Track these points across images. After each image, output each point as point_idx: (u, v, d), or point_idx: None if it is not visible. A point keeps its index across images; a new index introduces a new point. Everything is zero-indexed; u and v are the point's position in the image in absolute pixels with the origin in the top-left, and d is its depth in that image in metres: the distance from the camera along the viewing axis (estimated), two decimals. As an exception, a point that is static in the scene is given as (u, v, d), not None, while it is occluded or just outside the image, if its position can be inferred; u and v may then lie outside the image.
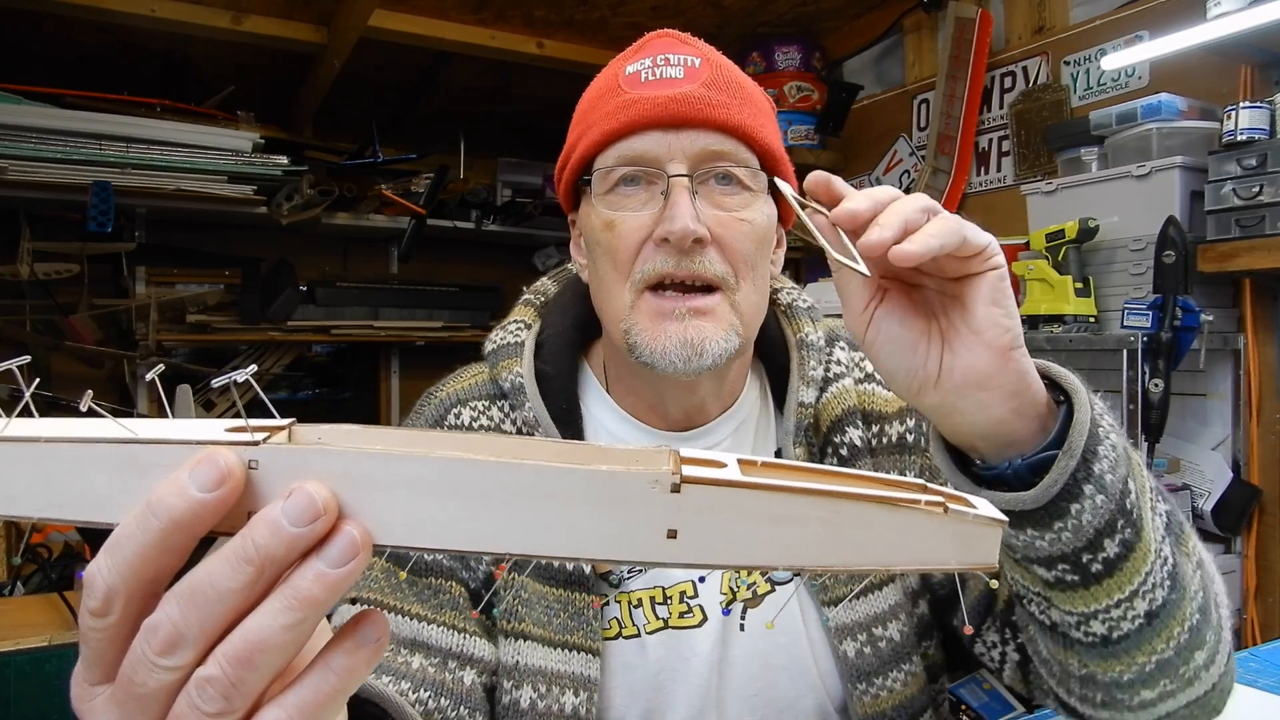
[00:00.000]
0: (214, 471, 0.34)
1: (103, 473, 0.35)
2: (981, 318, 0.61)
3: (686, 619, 0.87)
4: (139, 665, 0.34)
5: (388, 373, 3.89)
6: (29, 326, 2.98)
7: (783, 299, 0.98)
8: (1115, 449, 0.63)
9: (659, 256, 0.79)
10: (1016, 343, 0.61)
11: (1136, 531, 0.64)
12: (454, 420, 0.92)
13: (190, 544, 0.35)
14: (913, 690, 0.87)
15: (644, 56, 0.84)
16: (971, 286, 0.61)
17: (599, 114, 0.84)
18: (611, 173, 0.82)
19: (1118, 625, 0.66)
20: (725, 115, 0.80)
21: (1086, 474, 0.61)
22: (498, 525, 0.36)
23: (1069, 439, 0.61)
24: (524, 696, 0.82)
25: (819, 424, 0.93)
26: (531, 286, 1.01)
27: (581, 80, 0.92)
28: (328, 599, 0.35)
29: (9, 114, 2.54)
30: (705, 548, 0.36)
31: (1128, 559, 0.63)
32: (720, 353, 0.80)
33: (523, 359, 0.91)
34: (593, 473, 0.36)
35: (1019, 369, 0.62)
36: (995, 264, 0.61)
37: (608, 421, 0.93)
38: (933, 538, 0.37)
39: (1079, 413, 0.62)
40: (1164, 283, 1.95)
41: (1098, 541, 0.63)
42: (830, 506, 0.36)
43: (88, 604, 0.35)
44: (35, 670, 1.68)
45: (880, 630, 0.87)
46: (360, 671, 0.36)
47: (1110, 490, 0.62)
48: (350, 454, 0.35)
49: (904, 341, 0.64)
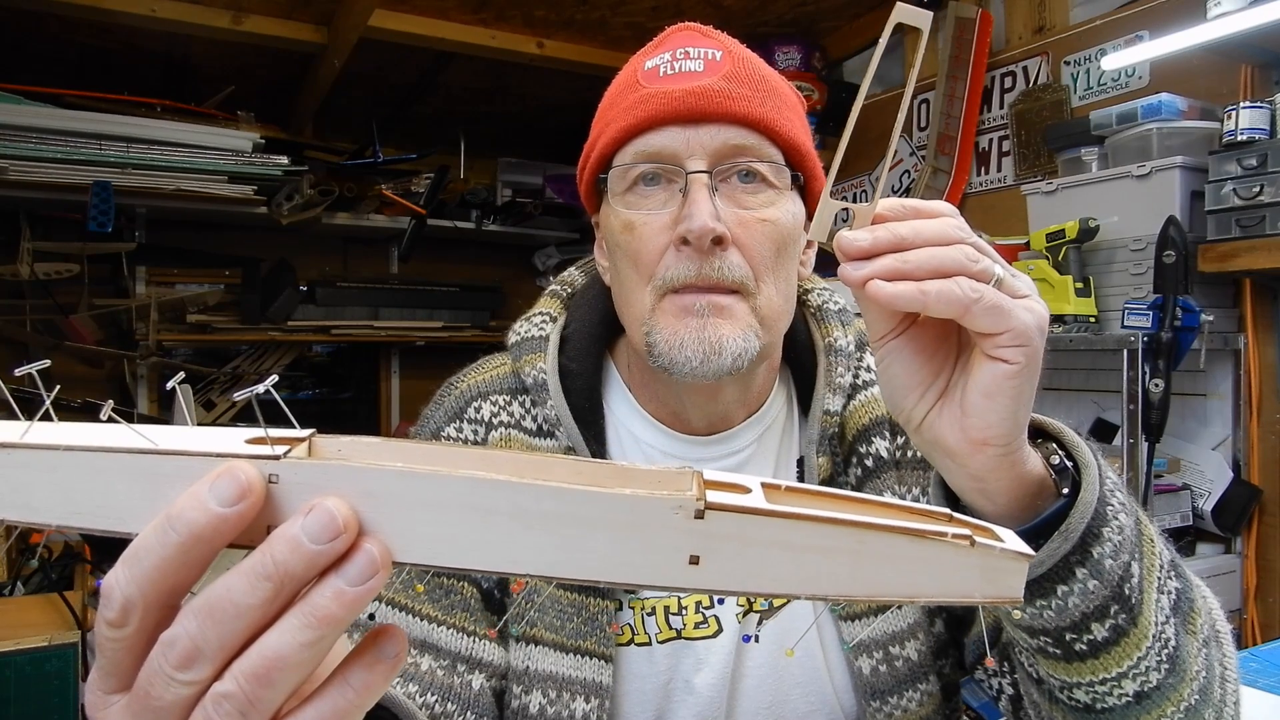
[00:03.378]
0: (235, 486, 0.34)
1: (122, 482, 0.35)
2: (971, 402, 0.56)
3: (702, 629, 0.85)
4: (155, 678, 0.34)
5: (388, 373, 3.89)
6: (29, 326, 2.98)
7: (813, 300, 0.94)
8: (1121, 531, 0.59)
9: (681, 263, 0.77)
10: (997, 442, 0.57)
11: (1132, 618, 0.60)
12: (474, 414, 0.89)
13: (210, 558, 0.35)
14: (929, 710, 0.85)
15: (664, 51, 0.81)
16: (978, 366, 0.56)
17: (616, 110, 0.81)
18: (629, 170, 0.79)
19: (1103, 699, 0.63)
20: (746, 108, 0.77)
21: (1082, 557, 0.58)
22: (518, 547, 0.35)
23: (1069, 520, 0.58)
24: (533, 702, 0.81)
25: (844, 433, 0.89)
26: (559, 277, 0.98)
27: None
28: (346, 617, 0.34)
29: (9, 114, 2.54)
30: (727, 575, 0.36)
31: (1118, 644, 0.61)
32: (739, 352, 0.76)
33: (547, 354, 0.88)
34: (615, 496, 0.35)
35: (990, 463, 0.58)
36: (1005, 357, 0.54)
37: (630, 423, 0.90)
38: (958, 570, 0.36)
39: (1085, 492, 0.59)
40: (1164, 283, 1.95)
41: (1084, 624, 0.60)
42: (856, 537, 0.36)
43: (105, 614, 0.35)
44: (35, 670, 1.68)
45: (898, 649, 0.84)
46: (378, 687, 0.36)
47: (1107, 576, 0.58)
48: (371, 471, 0.35)
49: (901, 384, 0.60)
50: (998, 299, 0.53)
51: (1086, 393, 2.42)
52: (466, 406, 0.90)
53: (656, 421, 0.89)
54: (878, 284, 0.53)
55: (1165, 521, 2.11)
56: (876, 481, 0.87)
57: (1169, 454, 2.20)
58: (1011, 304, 0.54)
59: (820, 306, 0.93)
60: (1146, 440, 1.99)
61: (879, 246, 0.54)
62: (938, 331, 0.60)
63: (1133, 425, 1.98)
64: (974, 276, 0.53)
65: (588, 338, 0.91)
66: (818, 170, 0.84)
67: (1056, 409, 2.46)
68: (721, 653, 0.84)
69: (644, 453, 0.89)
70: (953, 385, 0.59)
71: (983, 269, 0.54)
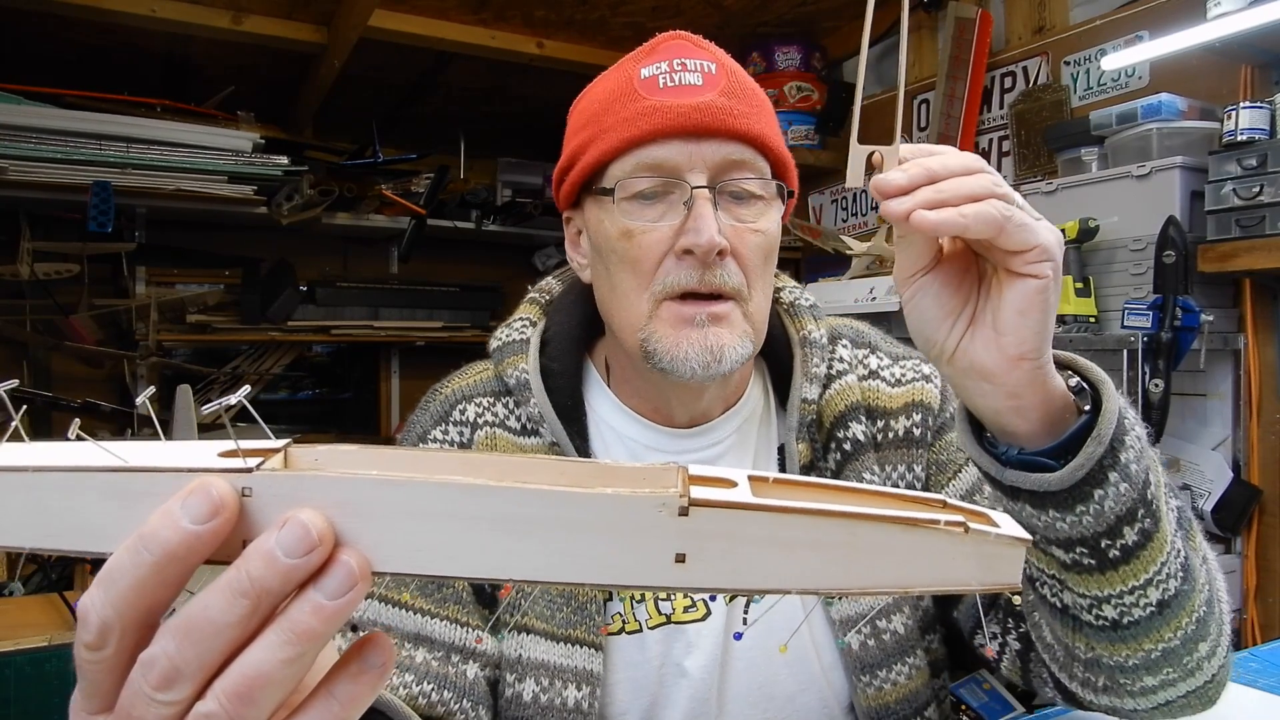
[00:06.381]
0: (206, 503, 0.33)
1: (94, 502, 0.34)
2: (1005, 320, 0.61)
3: (691, 613, 0.87)
4: (137, 699, 0.34)
5: (388, 373, 3.89)
6: (29, 326, 2.98)
7: (785, 298, 0.99)
8: (1140, 440, 0.64)
9: (682, 270, 0.80)
10: (1032, 355, 0.62)
11: (1155, 521, 0.65)
12: (459, 416, 0.92)
13: (186, 576, 0.34)
14: (917, 684, 0.88)
15: (658, 60, 0.83)
16: (1009, 285, 0.61)
17: (615, 118, 0.82)
18: (630, 182, 0.82)
19: (1129, 611, 0.67)
20: (747, 125, 0.81)
21: (1113, 461, 0.62)
22: (501, 553, 0.35)
23: (1098, 426, 0.62)
24: (526, 690, 0.83)
25: (822, 420, 0.93)
26: (536, 285, 1.02)
27: (582, 80, 0.91)
28: (326, 631, 0.34)
29: (9, 114, 2.54)
30: (715, 572, 0.35)
31: (1145, 548, 0.65)
32: (736, 359, 0.81)
33: (528, 355, 0.91)
34: (598, 497, 0.34)
35: (1026, 378, 0.62)
36: (1035, 272, 0.60)
37: (611, 418, 0.93)
38: (953, 558, 0.35)
39: (1108, 401, 0.63)
40: (1164, 283, 1.95)
41: (1118, 528, 0.64)
42: (847, 529, 0.35)
43: (83, 637, 0.34)
44: (35, 670, 1.68)
45: (884, 623, 0.87)
46: (365, 698, 0.36)
47: (1134, 479, 0.63)
48: (346, 480, 0.34)
49: (933, 315, 0.65)
50: (1025, 218, 0.59)
51: (1086, 393, 2.42)
52: (452, 409, 0.93)
53: (638, 416, 0.92)
54: (922, 213, 0.57)
55: (1165, 521, 2.11)
56: (856, 463, 0.92)
57: (1169, 454, 2.21)
58: (1035, 223, 0.59)
59: (793, 303, 0.99)
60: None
61: (916, 181, 0.58)
62: (961, 264, 0.65)
63: (1133, 425, 1.98)
64: (1000, 199, 0.58)
65: (567, 339, 0.94)
66: (793, 175, 0.89)
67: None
68: (711, 636, 0.87)
69: (626, 446, 0.92)
70: (980, 311, 0.64)
71: (1006, 192, 0.59)
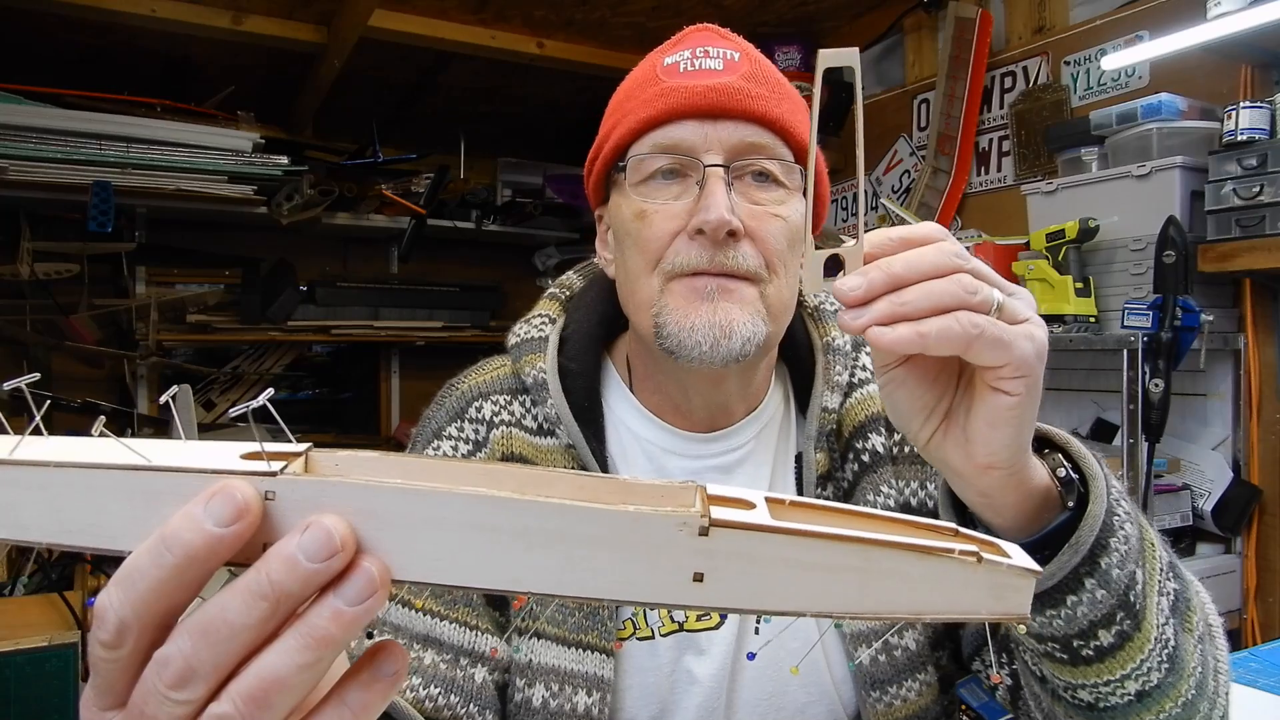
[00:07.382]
0: (230, 505, 0.33)
1: (115, 500, 0.34)
2: (975, 430, 0.57)
3: (704, 620, 0.86)
4: (150, 697, 0.34)
5: (388, 373, 3.89)
6: (29, 326, 2.98)
7: (810, 301, 0.96)
8: (1127, 541, 0.60)
9: (692, 250, 0.78)
10: (1002, 466, 0.58)
11: (1136, 623, 0.62)
12: (474, 413, 0.90)
13: (206, 578, 0.34)
14: (927, 700, 0.86)
15: (683, 49, 0.83)
16: (979, 396, 0.56)
17: (635, 103, 0.82)
18: (646, 161, 0.80)
19: (1105, 699, 0.64)
20: (764, 107, 0.79)
21: (1091, 569, 0.59)
22: (520, 565, 0.35)
23: (1079, 531, 0.59)
24: (536, 695, 0.82)
25: (841, 430, 0.91)
26: (557, 280, 0.99)
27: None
28: (345, 637, 0.34)
29: (9, 114, 2.54)
30: (732, 592, 0.35)
31: (1122, 648, 0.62)
32: (748, 337, 0.77)
33: (546, 354, 0.89)
34: (620, 514, 0.34)
35: (996, 484, 0.59)
36: (1007, 389, 0.54)
37: (630, 420, 0.91)
38: (965, 587, 0.36)
39: (1094, 504, 0.59)
40: (1164, 283, 1.95)
41: (1091, 632, 0.61)
42: (862, 554, 0.35)
43: (99, 636, 0.34)
44: (35, 670, 1.68)
45: (896, 639, 0.85)
46: (376, 706, 0.36)
47: (1114, 585, 0.60)
48: (370, 488, 0.34)
49: (905, 409, 0.60)
50: (998, 332, 0.52)
51: (1086, 393, 2.42)
52: (468, 406, 0.91)
53: (656, 418, 0.90)
54: (877, 331, 0.52)
55: (1165, 522, 2.11)
56: (873, 476, 0.89)
57: (1169, 454, 2.20)
58: (1012, 335, 0.53)
59: (818, 307, 0.95)
60: (1146, 440, 1.99)
61: (874, 290, 0.52)
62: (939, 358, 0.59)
63: (1133, 425, 1.98)
64: (973, 309, 0.52)
65: (586, 338, 0.92)
66: (824, 174, 0.85)
67: (1056, 409, 2.46)
68: (723, 643, 0.85)
69: (644, 449, 0.90)
70: (955, 408, 0.59)
71: (981, 299, 0.52)
